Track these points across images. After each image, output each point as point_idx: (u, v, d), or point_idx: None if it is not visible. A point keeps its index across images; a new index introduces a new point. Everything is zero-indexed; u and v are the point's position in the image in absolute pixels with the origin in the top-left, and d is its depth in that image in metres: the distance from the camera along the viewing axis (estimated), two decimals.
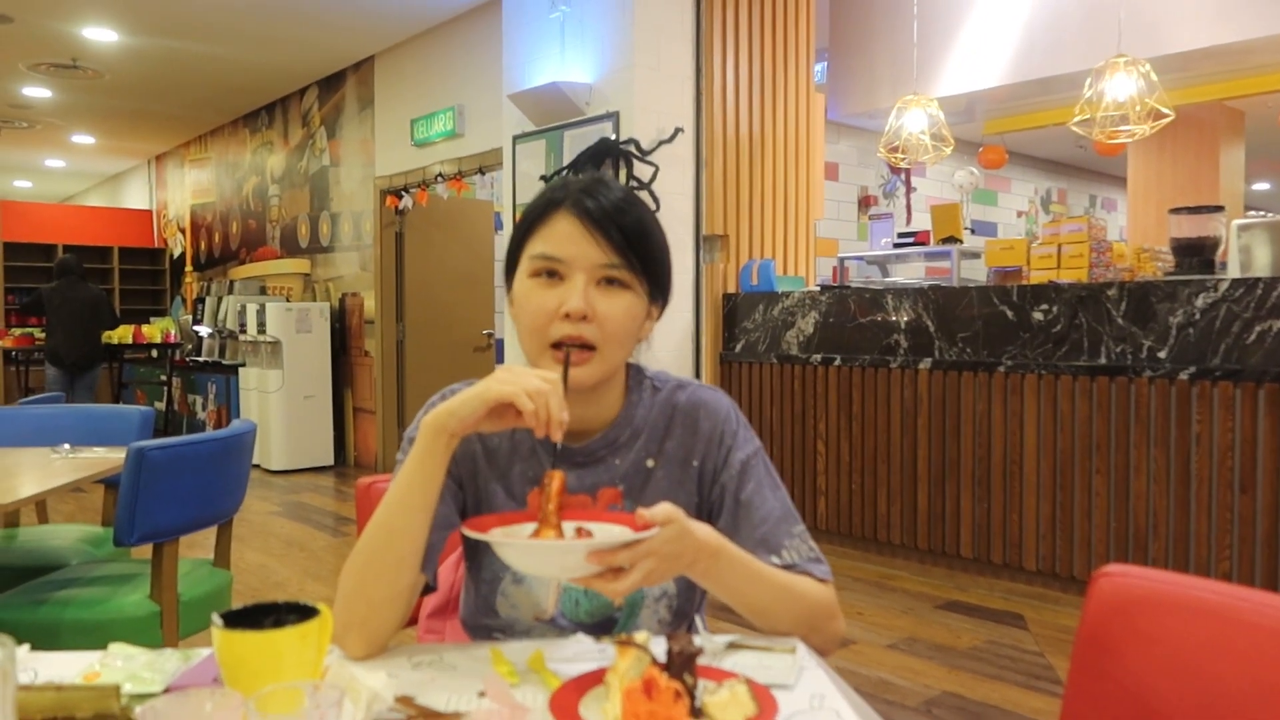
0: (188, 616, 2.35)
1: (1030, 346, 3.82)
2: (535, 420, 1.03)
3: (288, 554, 4.82)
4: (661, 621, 1.24)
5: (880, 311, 4.34)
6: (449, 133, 6.42)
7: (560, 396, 1.04)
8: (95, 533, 3.03)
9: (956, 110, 6.16)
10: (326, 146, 7.87)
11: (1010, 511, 3.90)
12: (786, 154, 5.29)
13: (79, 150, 10.87)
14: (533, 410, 1.02)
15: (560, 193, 1.17)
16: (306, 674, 0.88)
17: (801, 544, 1.20)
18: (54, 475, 2.31)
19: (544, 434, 1.04)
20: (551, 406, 1.03)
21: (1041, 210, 10.72)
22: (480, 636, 1.27)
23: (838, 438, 4.51)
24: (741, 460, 1.24)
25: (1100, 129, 4.67)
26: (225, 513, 2.50)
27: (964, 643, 3.35)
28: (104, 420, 3.18)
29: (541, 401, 1.03)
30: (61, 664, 1.04)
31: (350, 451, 7.72)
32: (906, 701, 2.86)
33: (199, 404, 9.22)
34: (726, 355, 4.96)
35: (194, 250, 10.50)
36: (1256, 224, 3.61)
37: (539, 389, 1.03)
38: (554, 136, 4.90)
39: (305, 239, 8.20)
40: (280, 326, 7.30)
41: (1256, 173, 10.81)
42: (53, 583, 2.40)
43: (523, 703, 0.93)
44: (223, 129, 9.64)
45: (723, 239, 4.96)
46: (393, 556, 1.09)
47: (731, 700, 0.89)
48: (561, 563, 0.98)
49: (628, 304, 1.15)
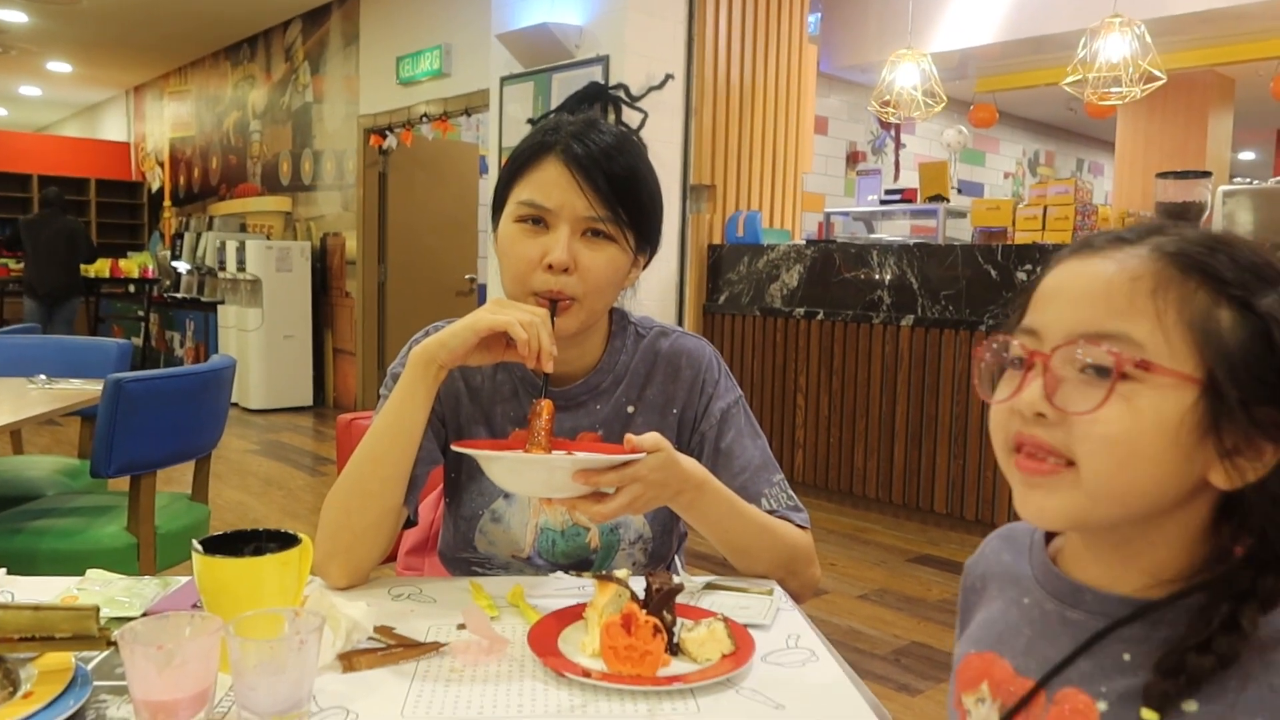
0: (165, 549, 2.35)
1: (1013, 306, 3.83)
2: (527, 350, 1.03)
3: (266, 492, 4.82)
4: (637, 564, 1.25)
5: (864, 267, 4.34)
6: (435, 72, 6.31)
7: (549, 329, 1.05)
8: (72, 464, 3.01)
9: (949, 67, 6.11)
10: (310, 82, 7.72)
11: (985, 469, 3.95)
12: (777, 105, 5.24)
13: (55, 79, 10.62)
14: (525, 339, 1.03)
15: (552, 136, 1.14)
16: (286, 602, 0.88)
17: (781, 492, 1.21)
18: (30, 405, 2.29)
19: (534, 365, 1.04)
20: (542, 337, 1.03)
21: (1029, 172, 10.70)
22: (459, 570, 1.28)
23: (818, 391, 4.53)
24: (722, 409, 1.24)
25: (1092, 89, 4.65)
26: (203, 447, 2.49)
27: (934, 595, 3.41)
28: (81, 352, 3.15)
29: (533, 332, 1.03)
30: (39, 588, 1.05)
31: (330, 392, 7.69)
32: (876, 650, 2.91)
33: (177, 340, 9.15)
34: (710, 306, 4.95)
35: (173, 185, 10.33)
36: (1241, 190, 3.63)
37: (530, 320, 1.04)
38: (542, 79, 4.83)
39: (287, 176, 8.08)
40: (260, 265, 7.22)
41: (1244, 141, 10.81)
42: (28, 513, 2.39)
43: (502, 635, 0.94)
44: (203, 61, 9.43)
45: (710, 189, 4.92)
46: (377, 484, 1.09)
47: (709, 637, 0.90)
48: (548, 479, 0.98)
49: (611, 256, 1.14)
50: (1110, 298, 0.63)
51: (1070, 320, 0.65)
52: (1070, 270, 0.67)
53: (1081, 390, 0.62)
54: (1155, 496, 0.63)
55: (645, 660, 0.86)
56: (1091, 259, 0.66)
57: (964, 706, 0.74)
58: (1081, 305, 0.65)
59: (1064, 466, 0.64)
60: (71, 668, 0.80)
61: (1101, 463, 0.62)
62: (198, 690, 0.75)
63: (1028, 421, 0.65)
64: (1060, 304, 0.66)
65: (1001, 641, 0.72)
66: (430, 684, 0.86)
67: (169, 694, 0.74)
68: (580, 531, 1.22)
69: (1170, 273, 0.62)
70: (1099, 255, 0.66)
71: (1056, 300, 0.67)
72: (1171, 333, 0.61)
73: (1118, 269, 0.64)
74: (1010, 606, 0.74)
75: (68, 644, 0.81)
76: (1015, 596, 0.74)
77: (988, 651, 0.73)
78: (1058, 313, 0.66)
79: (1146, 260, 0.63)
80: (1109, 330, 0.62)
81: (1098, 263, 0.65)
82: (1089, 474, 0.63)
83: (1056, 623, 0.69)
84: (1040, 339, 0.66)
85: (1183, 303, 0.62)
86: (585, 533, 1.23)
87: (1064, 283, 0.67)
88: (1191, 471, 0.62)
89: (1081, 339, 0.63)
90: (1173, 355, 0.61)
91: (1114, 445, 0.61)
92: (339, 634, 0.89)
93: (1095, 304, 0.64)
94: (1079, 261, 0.67)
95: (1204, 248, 0.63)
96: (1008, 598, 0.75)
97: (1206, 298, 0.62)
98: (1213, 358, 0.61)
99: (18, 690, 0.77)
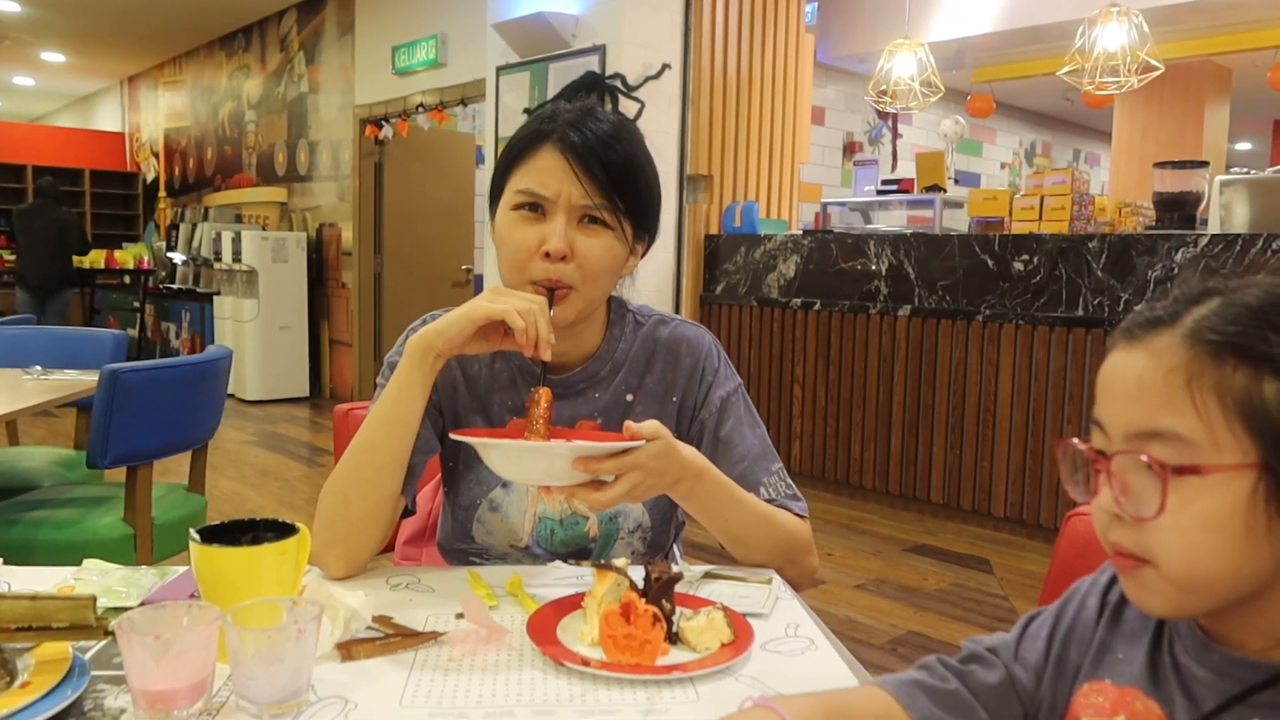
0: (161, 540, 2.34)
1: (1009, 296, 3.84)
2: (525, 338, 1.03)
3: (262, 483, 4.82)
4: (635, 553, 1.25)
5: (861, 258, 4.33)
6: (431, 62, 6.28)
7: (547, 318, 1.05)
8: (67, 455, 3.00)
9: (946, 57, 6.10)
10: (305, 72, 7.69)
11: (982, 459, 3.95)
12: (774, 95, 5.23)
13: (49, 69, 10.56)
14: (523, 328, 1.02)
15: (549, 124, 1.14)
16: (284, 591, 0.88)
17: (780, 481, 1.21)
18: (25, 396, 2.29)
19: (532, 353, 1.04)
20: (540, 325, 1.03)
21: (1025, 162, 10.70)
22: (457, 561, 1.28)
23: (815, 382, 4.54)
24: (721, 397, 1.24)
25: (1089, 79, 4.64)
26: (199, 438, 2.48)
27: (931, 585, 3.42)
28: (76, 343, 3.14)
29: (531, 320, 1.03)
30: (36, 578, 1.04)
31: (326, 383, 7.68)
32: (873, 640, 2.92)
33: (172, 331, 9.13)
34: (707, 297, 4.95)
35: (168, 175, 10.29)
36: (1239, 180, 3.62)
37: (528, 308, 1.03)
38: (539, 69, 4.81)
39: (282, 167, 8.05)
40: (256, 255, 7.20)
41: (1240, 132, 10.81)
42: (25, 504, 2.38)
43: (500, 624, 0.94)
44: (198, 51, 9.38)
45: (706, 179, 4.92)
46: (374, 473, 1.08)
47: (708, 626, 0.90)
48: (548, 467, 0.98)
49: (608, 244, 1.13)
50: (1148, 395, 0.62)
51: (1122, 419, 0.64)
52: (1115, 364, 0.66)
53: (1145, 491, 0.62)
54: (1245, 579, 0.62)
55: (644, 649, 0.86)
56: (1131, 351, 0.65)
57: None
58: (1128, 403, 0.64)
59: (1145, 565, 0.64)
60: (69, 657, 0.80)
61: (1175, 562, 0.62)
62: (196, 680, 0.75)
63: (1111, 523, 0.66)
64: (1110, 400, 0.66)
65: (1149, 682, 0.71)
66: (429, 673, 0.86)
67: (167, 683, 0.73)
68: (579, 520, 1.22)
69: (1202, 361, 0.61)
70: (1137, 346, 0.64)
71: (1107, 396, 0.66)
72: (1215, 423, 0.60)
73: (1150, 363, 0.63)
74: (1154, 649, 0.73)
75: (65, 634, 0.81)
76: (1158, 640, 0.73)
77: (1130, 687, 0.72)
78: (1110, 410, 0.66)
79: (1178, 349, 0.62)
80: (1155, 428, 0.62)
81: (1135, 356, 0.64)
82: (1168, 573, 0.63)
83: (1191, 679, 0.69)
84: (1106, 433, 0.66)
85: (1221, 389, 0.60)
86: (584, 522, 1.22)
87: (1110, 378, 0.66)
88: (1275, 546, 0.61)
89: (1134, 438, 0.63)
90: (1220, 447, 0.60)
91: (1181, 547, 0.61)
92: (337, 623, 0.89)
93: (1137, 402, 0.63)
94: (1122, 354, 0.66)
95: (1239, 321, 0.61)
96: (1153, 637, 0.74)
97: (1245, 377, 0.60)
98: (1264, 436, 0.59)
99: (15, 680, 0.77)
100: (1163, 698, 0.69)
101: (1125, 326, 0.67)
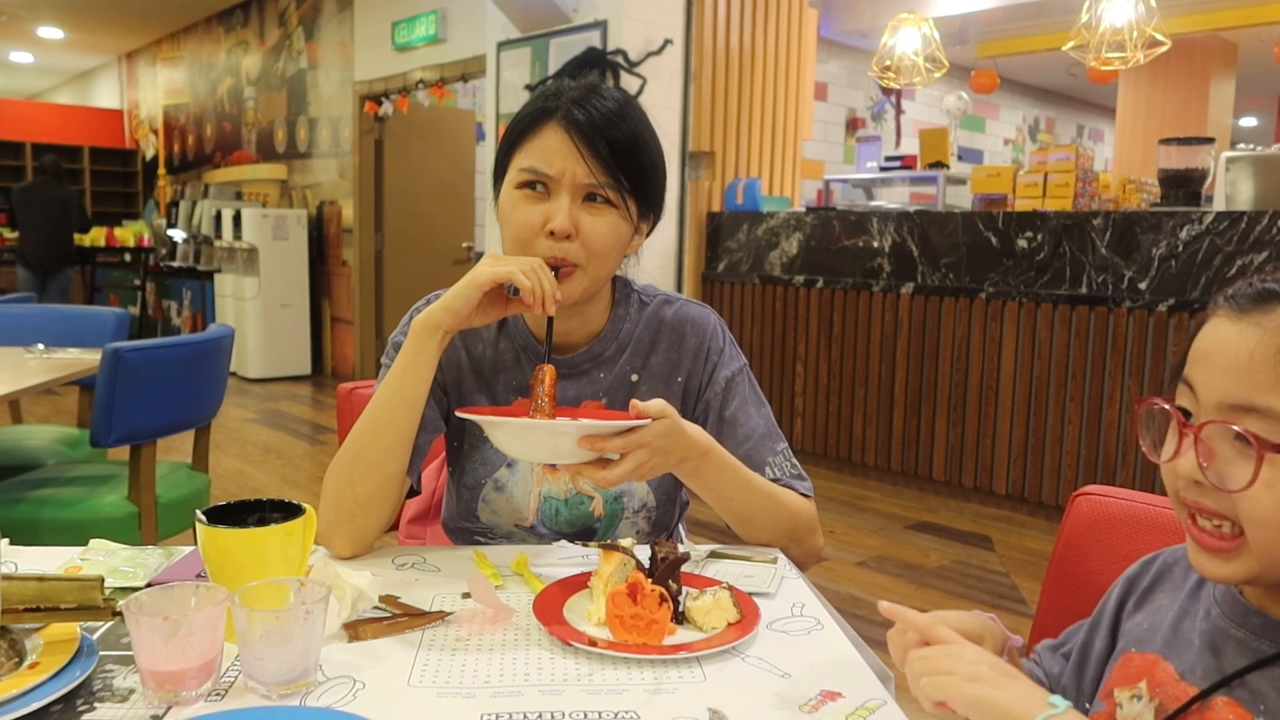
0: (166, 518, 2.35)
1: (1013, 274, 3.82)
2: (532, 296, 1.03)
3: (265, 461, 4.83)
4: (640, 533, 1.25)
5: (864, 235, 4.32)
6: (431, 37, 6.23)
7: (550, 274, 1.06)
8: (71, 434, 3.01)
9: (950, 31, 6.05)
10: (304, 48, 7.63)
11: (984, 436, 3.96)
12: (776, 71, 5.19)
13: (46, 45, 10.49)
14: (530, 286, 1.02)
15: (553, 101, 1.13)
16: (291, 572, 0.88)
17: (785, 460, 1.21)
18: (28, 374, 2.28)
19: (540, 310, 1.04)
20: (544, 280, 1.03)
21: (1029, 139, 10.64)
22: (462, 540, 1.28)
23: (817, 359, 4.53)
24: (726, 377, 1.23)
25: (1095, 54, 4.60)
26: (203, 416, 2.48)
27: (932, 562, 3.43)
28: (78, 321, 3.14)
29: (535, 278, 1.03)
30: (42, 558, 1.04)
31: (327, 361, 7.68)
32: (875, 617, 2.93)
33: (173, 309, 9.11)
34: (709, 275, 4.94)
35: (167, 152, 10.25)
36: (1245, 157, 3.60)
37: (530, 266, 1.04)
38: (539, 45, 4.78)
39: (282, 144, 8.01)
40: (256, 233, 7.18)
41: (1245, 107, 10.74)
42: (29, 482, 2.39)
43: (507, 604, 0.94)
44: (196, 27, 9.31)
45: (708, 156, 4.89)
46: (380, 453, 1.08)
47: (715, 605, 0.90)
48: (553, 445, 0.98)
49: (613, 222, 1.12)
50: (1256, 371, 0.62)
51: (1220, 389, 0.64)
52: (1219, 333, 0.66)
53: (1234, 462, 0.63)
54: None
55: (651, 629, 0.86)
56: (1240, 323, 0.65)
57: (1115, 699, 0.75)
58: (1231, 375, 0.64)
59: (1237, 538, 0.64)
60: (77, 638, 0.80)
61: (1265, 536, 0.63)
62: (204, 660, 0.75)
63: (1189, 486, 0.66)
64: (1210, 369, 0.66)
65: (1169, 647, 0.73)
66: (436, 653, 0.86)
67: (175, 664, 0.74)
68: (584, 500, 1.22)
69: None
70: (1245, 319, 0.64)
71: (1206, 364, 0.66)
72: None
73: (1263, 340, 0.63)
74: (1183, 617, 0.75)
75: (73, 615, 0.81)
76: (1189, 607, 0.75)
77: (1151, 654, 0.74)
78: (1208, 377, 0.66)
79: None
80: (1255, 404, 0.62)
81: (1245, 329, 0.64)
82: (1255, 545, 0.63)
83: (1225, 640, 0.70)
84: (1195, 397, 0.66)
85: None
86: (589, 501, 1.22)
87: (1214, 347, 0.66)
88: None
89: (1229, 409, 0.63)
90: None
91: (1272, 522, 0.62)
92: (344, 604, 0.89)
93: (1241, 377, 0.63)
94: (1229, 323, 0.66)
95: None
96: (1181, 608, 0.76)
97: None
98: None
99: (24, 661, 0.77)
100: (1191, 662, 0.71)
101: (1232, 295, 0.67)
